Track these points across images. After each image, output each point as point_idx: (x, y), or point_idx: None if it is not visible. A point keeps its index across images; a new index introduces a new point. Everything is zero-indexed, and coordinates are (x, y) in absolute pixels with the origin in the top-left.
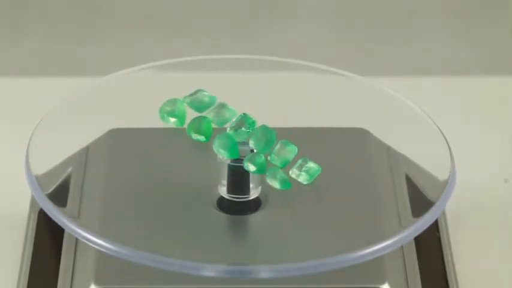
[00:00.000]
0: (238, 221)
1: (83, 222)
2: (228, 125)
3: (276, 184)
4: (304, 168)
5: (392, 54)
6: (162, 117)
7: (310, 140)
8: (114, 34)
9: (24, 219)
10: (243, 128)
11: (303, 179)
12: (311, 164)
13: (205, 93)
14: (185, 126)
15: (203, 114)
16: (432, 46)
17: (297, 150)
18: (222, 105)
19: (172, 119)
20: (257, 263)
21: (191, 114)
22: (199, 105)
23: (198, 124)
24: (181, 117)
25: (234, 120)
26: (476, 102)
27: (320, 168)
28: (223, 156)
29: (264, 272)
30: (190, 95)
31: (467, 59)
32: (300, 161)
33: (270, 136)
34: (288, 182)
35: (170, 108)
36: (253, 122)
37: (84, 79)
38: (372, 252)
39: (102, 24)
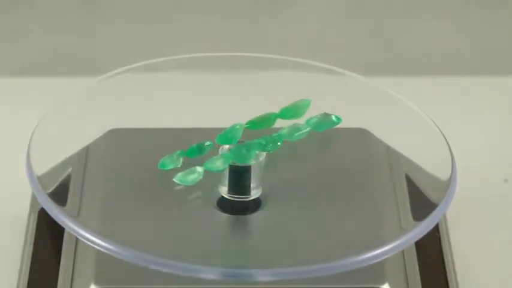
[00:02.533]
0: (238, 221)
1: (83, 221)
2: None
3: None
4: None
5: (392, 53)
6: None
7: (310, 140)
8: (114, 33)
9: (24, 219)
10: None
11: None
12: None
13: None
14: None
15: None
16: (432, 45)
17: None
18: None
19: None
20: (257, 266)
21: None
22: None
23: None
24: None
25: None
26: (476, 102)
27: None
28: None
29: (263, 275)
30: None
31: (467, 59)
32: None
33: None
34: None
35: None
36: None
37: (84, 79)
38: (372, 257)
39: (102, 24)
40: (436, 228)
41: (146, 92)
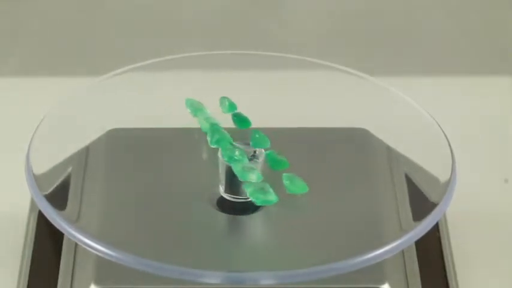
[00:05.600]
0: (238, 222)
1: (82, 225)
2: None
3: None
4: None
5: (393, 53)
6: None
7: (310, 140)
8: (114, 33)
9: (24, 220)
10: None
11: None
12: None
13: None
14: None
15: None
16: (433, 45)
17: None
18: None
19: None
20: (257, 269)
21: None
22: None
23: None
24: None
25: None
26: (476, 102)
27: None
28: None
29: (263, 279)
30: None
31: (468, 59)
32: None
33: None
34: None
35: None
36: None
37: (84, 79)
38: (372, 257)
39: (102, 23)
40: (436, 228)
41: (146, 92)
